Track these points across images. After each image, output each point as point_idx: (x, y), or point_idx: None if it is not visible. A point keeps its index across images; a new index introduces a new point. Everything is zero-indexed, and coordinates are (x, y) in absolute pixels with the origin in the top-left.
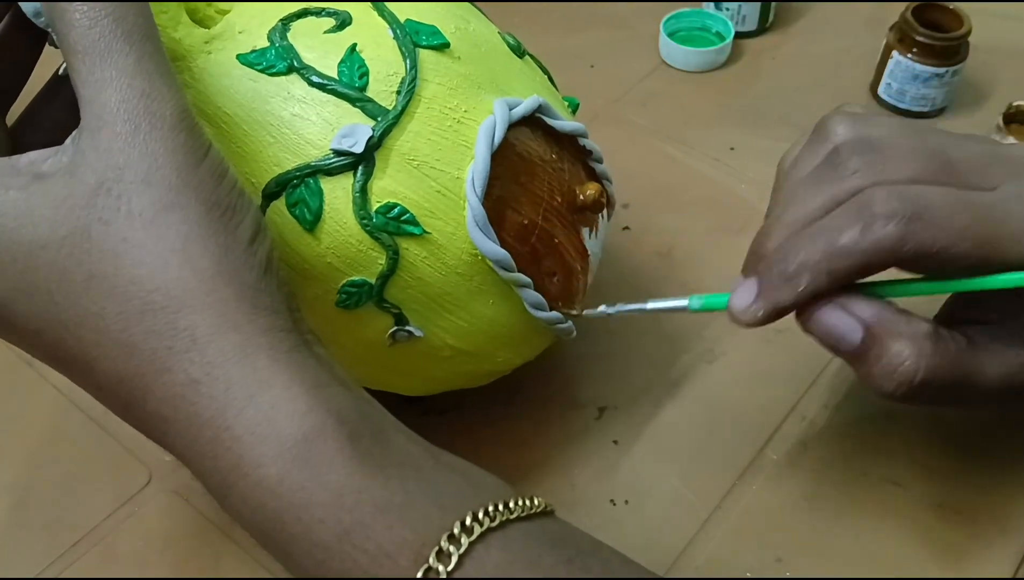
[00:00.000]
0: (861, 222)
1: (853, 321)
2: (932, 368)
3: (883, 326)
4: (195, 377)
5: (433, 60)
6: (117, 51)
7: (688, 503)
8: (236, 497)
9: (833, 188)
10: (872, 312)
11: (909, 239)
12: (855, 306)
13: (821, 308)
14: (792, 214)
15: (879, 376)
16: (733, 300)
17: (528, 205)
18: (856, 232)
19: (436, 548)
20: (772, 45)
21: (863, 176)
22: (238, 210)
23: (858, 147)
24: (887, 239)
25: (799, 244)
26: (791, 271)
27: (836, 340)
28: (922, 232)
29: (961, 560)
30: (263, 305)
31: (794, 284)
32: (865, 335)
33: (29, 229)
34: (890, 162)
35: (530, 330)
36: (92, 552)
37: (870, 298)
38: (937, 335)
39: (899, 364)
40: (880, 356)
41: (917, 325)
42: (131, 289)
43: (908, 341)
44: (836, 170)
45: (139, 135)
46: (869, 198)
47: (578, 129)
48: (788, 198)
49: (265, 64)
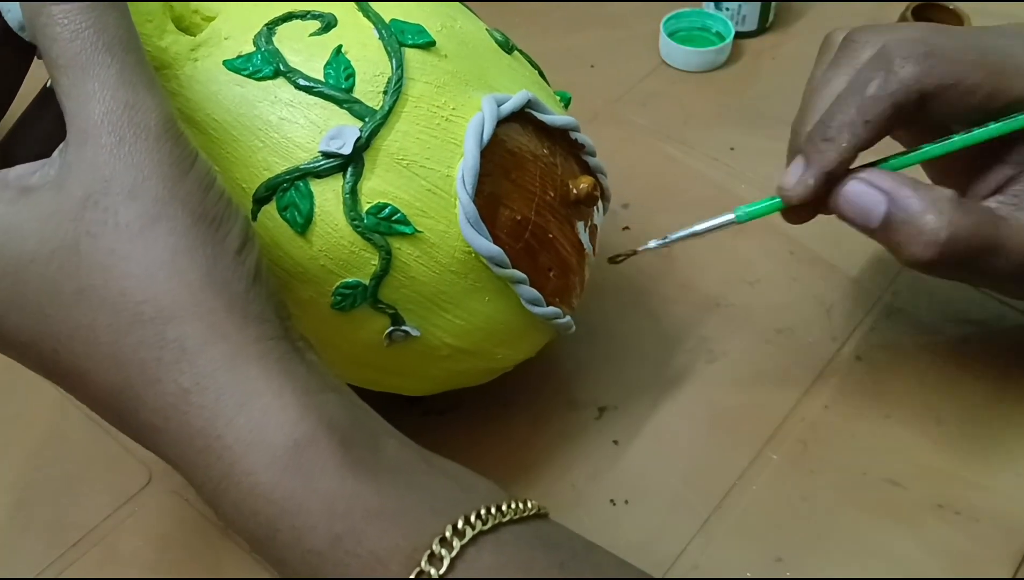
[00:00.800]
0: (883, 70)
1: (877, 193)
2: (955, 227)
3: (906, 194)
4: (185, 387)
5: (419, 59)
6: (99, 63)
7: (688, 503)
8: (229, 505)
9: (853, 62)
10: (893, 182)
11: (928, 73)
12: (877, 179)
13: (847, 185)
14: (821, 97)
15: (907, 243)
16: (784, 180)
17: (520, 201)
18: (880, 79)
19: (428, 552)
20: (772, 45)
21: (876, 44)
22: (226, 220)
23: (867, 31)
24: (909, 77)
25: (833, 109)
26: (831, 133)
27: (864, 214)
28: (938, 66)
29: (961, 560)
30: (253, 314)
31: (837, 143)
32: (889, 205)
33: (18, 243)
34: (899, 30)
35: (528, 326)
36: (92, 552)
37: (891, 172)
38: (958, 200)
39: (924, 226)
40: (906, 222)
41: (939, 191)
42: (120, 301)
43: (931, 204)
44: (850, 48)
45: (124, 147)
46: (887, 48)
47: (569, 123)
48: (815, 88)
49: (251, 69)
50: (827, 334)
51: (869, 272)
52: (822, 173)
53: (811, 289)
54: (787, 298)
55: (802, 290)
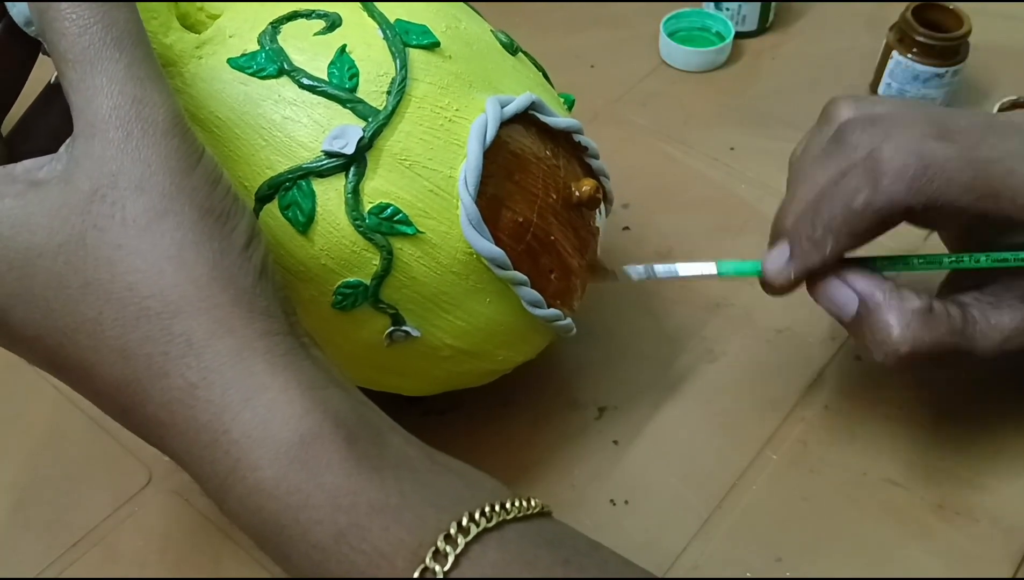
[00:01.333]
0: (871, 184)
1: (851, 293)
2: (920, 341)
3: (876, 300)
4: (192, 381)
5: (424, 59)
6: (107, 58)
7: (688, 503)
8: (234, 500)
9: (842, 162)
10: (867, 286)
11: (917, 193)
12: (854, 280)
13: (826, 281)
14: (805, 189)
15: (871, 345)
16: (767, 264)
17: (523, 203)
18: (867, 194)
19: (432, 548)
20: (772, 45)
21: (868, 148)
22: (232, 215)
23: (862, 123)
24: (897, 194)
25: (821, 209)
26: (818, 236)
27: (837, 309)
28: (928, 186)
29: (961, 560)
30: (259, 309)
31: (821, 247)
32: (860, 307)
33: (25, 237)
34: (893, 127)
35: (529, 328)
36: (92, 552)
37: (871, 274)
38: (930, 310)
39: (887, 336)
40: (872, 328)
41: (910, 301)
42: (127, 295)
43: (897, 315)
44: (843, 146)
45: (132, 141)
46: (878, 156)
47: (573, 125)
48: (800, 177)
49: (256, 67)
50: (827, 334)
51: None
52: (804, 271)
53: None
54: (787, 298)
55: (802, 290)
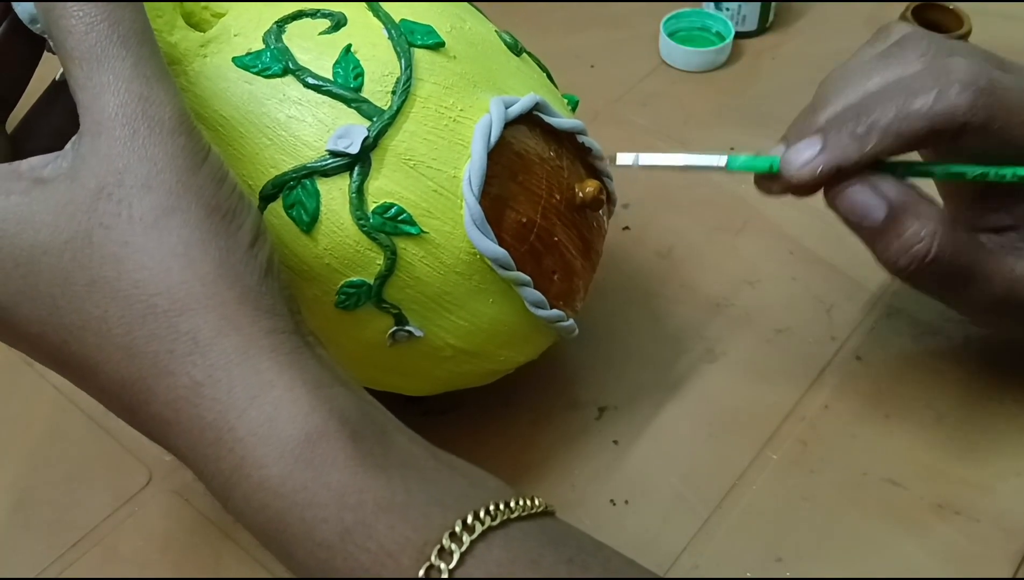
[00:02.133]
0: (938, 87)
1: (879, 199)
2: (943, 249)
3: (905, 206)
4: (198, 379)
5: (428, 59)
6: (114, 56)
7: (688, 503)
8: (239, 498)
9: (905, 65)
10: (897, 192)
11: (979, 111)
12: (883, 185)
13: (852, 185)
14: (860, 85)
15: (895, 251)
16: (791, 155)
17: (526, 203)
18: (932, 96)
19: (438, 546)
20: (772, 45)
21: (934, 58)
22: (238, 213)
23: (927, 36)
24: (960, 106)
25: (871, 104)
26: (861, 131)
27: (861, 216)
28: (992, 106)
29: (961, 560)
30: (265, 307)
31: (862, 143)
32: (888, 212)
33: (31, 234)
34: (959, 48)
35: (531, 329)
36: (92, 552)
37: (897, 179)
38: (951, 223)
39: (915, 241)
40: (899, 233)
41: (936, 209)
42: (133, 293)
43: (926, 221)
44: (906, 50)
45: (138, 139)
46: (949, 65)
47: (577, 126)
48: (854, 73)
49: (260, 66)
50: (827, 334)
51: (869, 272)
52: (834, 166)
53: (811, 289)
54: (787, 298)
55: (802, 290)
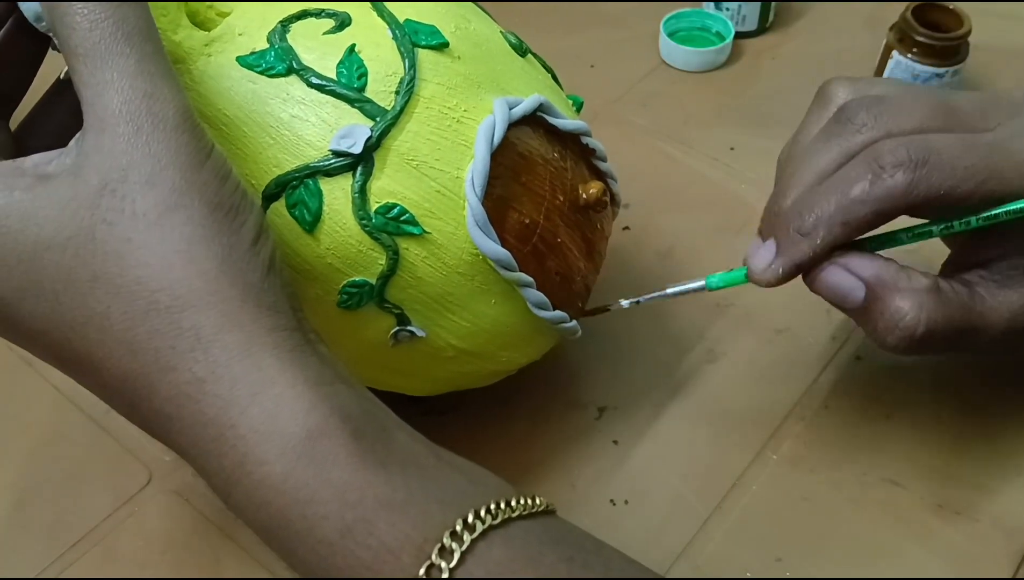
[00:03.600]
0: (871, 173)
1: (855, 280)
2: (933, 321)
3: (884, 283)
4: (200, 376)
5: (432, 60)
6: (118, 53)
7: (688, 503)
8: (240, 495)
9: (844, 142)
10: (873, 270)
11: (918, 184)
12: (857, 265)
13: (825, 269)
14: (804, 172)
15: (882, 331)
16: (752, 262)
17: (529, 204)
18: (867, 183)
19: (439, 545)
20: (772, 45)
21: (872, 129)
22: (241, 210)
23: (864, 103)
24: (897, 187)
25: (812, 200)
26: (807, 227)
27: (841, 298)
28: (930, 176)
29: (961, 560)
30: (267, 304)
31: (811, 239)
32: (867, 293)
33: (34, 230)
34: (896, 113)
35: (533, 330)
36: (92, 552)
37: (871, 256)
38: (937, 288)
39: (900, 319)
40: (883, 312)
41: (917, 280)
42: (136, 289)
43: (909, 296)
44: (845, 126)
45: (142, 136)
46: (878, 150)
47: (581, 128)
48: (799, 158)
49: (264, 66)
50: (827, 334)
51: None
52: (792, 266)
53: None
54: (787, 298)
55: (802, 290)
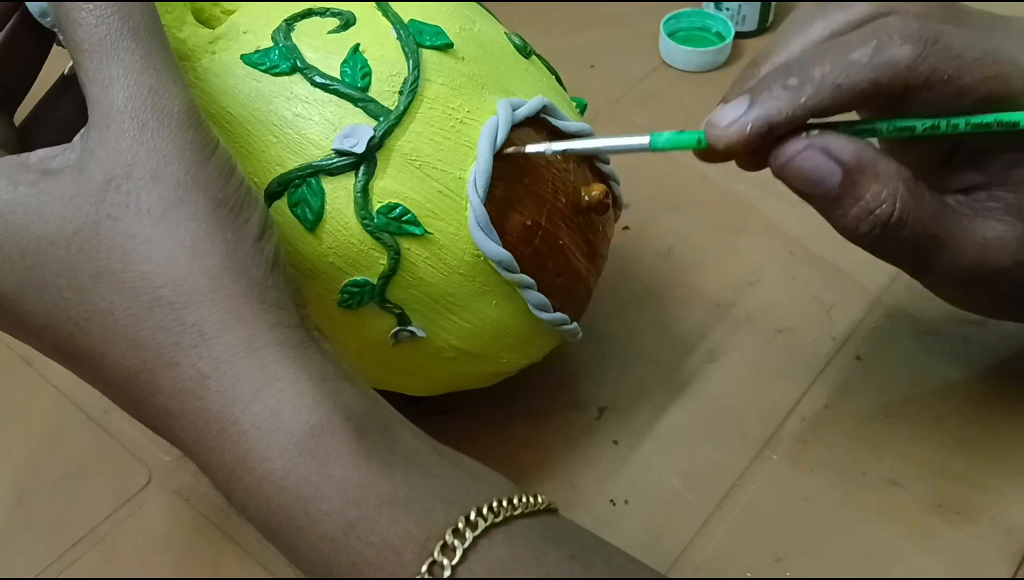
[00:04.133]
0: (876, 39)
1: (832, 163)
2: (907, 210)
3: (862, 167)
4: (203, 371)
5: (436, 60)
6: (124, 48)
7: (688, 503)
8: (242, 491)
9: (848, 11)
10: (852, 152)
11: (924, 61)
12: (835, 145)
13: (799, 152)
14: (797, 38)
15: (854, 217)
16: (715, 116)
17: (532, 206)
18: (870, 48)
19: (441, 542)
20: None
21: (877, 4)
22: (245, 207)
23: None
24: (903, 57)
25: (805, 57)
26: (793, 83)
27: (814, 184)
28: (936, 56)
29: (961, 560)
30: (270, 300)
31: (795, 95)
32: (843, 177)
33: (38, 225)
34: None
35: (534, 332)
36: (92, 552)
37: (849, 138)
38: (916, 182)
39: (877, 205)
40: (858, 197)
41: (897, 166)
42: (140, 285)
43: (887, 181)
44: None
45: (147, 132)
46: (887, 21)
47: (584, 129)
48: (791, 26)
49: (269, 64)
50: (827, 334)
51: (869, 272)
52: (765, 122)
53: (811, 289)
54: (787, 298)
55: (802, 290)
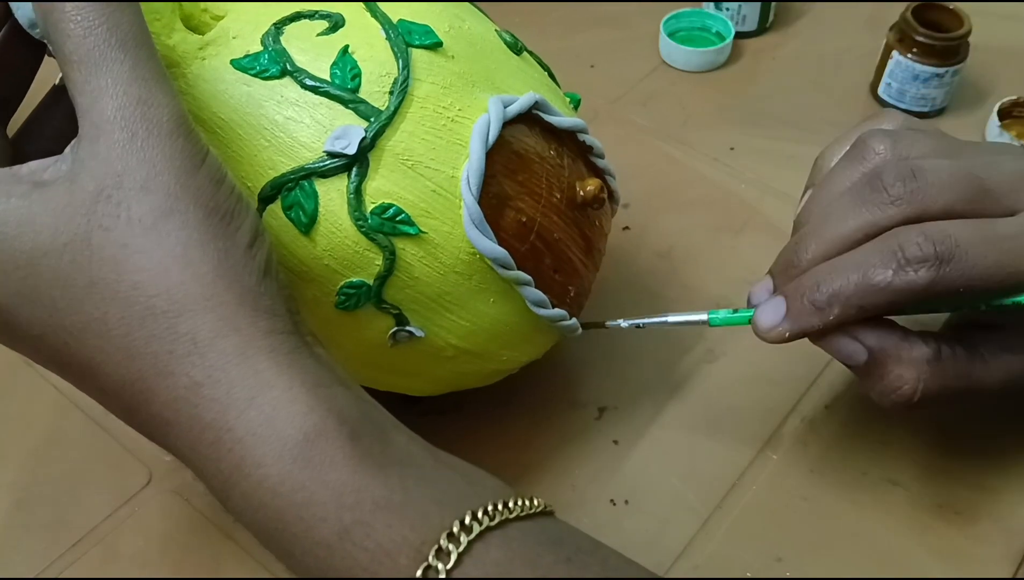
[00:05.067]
0: (895, 263)
1: (858, 345)
2: (930, 389)
3: (886, 351)
4: (197, 380)
5: (426, 59)
6: (112, 59)
7: (688, 503)
8: (238, 497)
9: (875, 212)
10: (876, 338)
11: (939, 282)
12: (861, 333)
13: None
14: (828, 232)
15: (880, 393)
16: (760, 318)
17: (526, 202)
18: (890, 273)
19: (436, 547)
20: (772, 45)
21: (904, 204)
22: (237, 214)
23: (900, 172)
24: (919, 283)
25: (833, 275)
26: (822, 301)
27: (844, 358)
28: (951, 274)
29: (961, 560)
30: (263, 308)
31: (824, 314)
32: (869, 358)
33: (31, 236)
34: (930, 191)
35: (533, 328)
36: (92, 552)
37: (875, 322)
38: (938, 356)
39: (898, 387)
40: (883, 377)
41: (919, 349)
42: (133, 294)
43: (908, 366)
44: (877, 194)
45: (136, 142)
46: (906, 240)
47: (577, 125)
48: (827, 212)
49: (259, 68)
50: None
51: None
52: (799, 333)
53: None
54: None
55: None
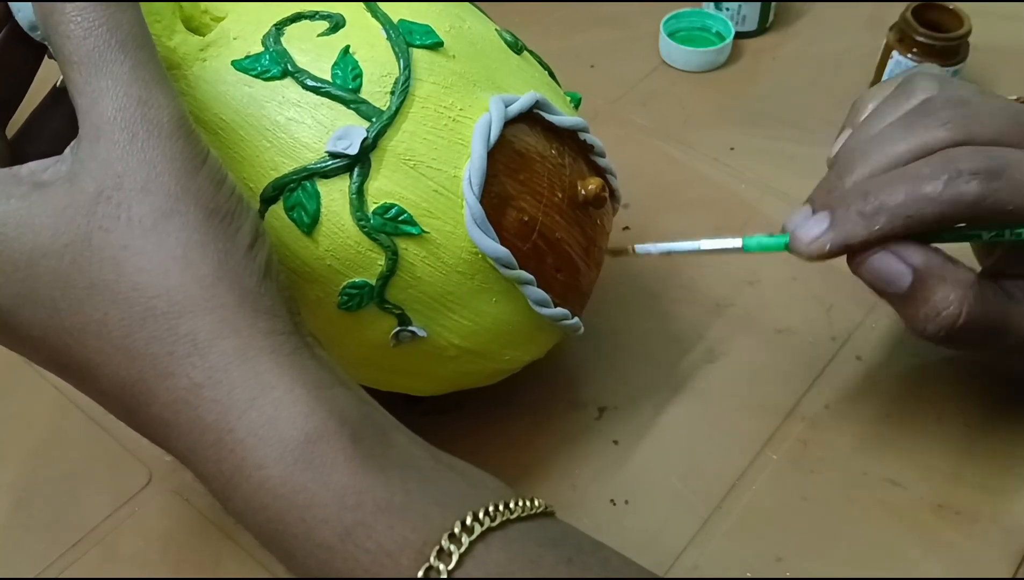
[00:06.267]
0: (946, 174)
1: (904, 266)
2: (973, 314)
3: (931, 271)
4: (197, 381)
5: (427, 59)
6: (112, 60)
7: (688, 503)
8: (239, 499)
9: (924, 134)
10: (922, 258)
11: (989, 197)
12: (906, 252)
13: (875, 253)
14: (877, 154)
15: (923, 318)
16: (800, 232)
17: (528, 202)
18: (940, 183)
19: (437, 547)
20: (772, 45)
21: (954, 127)
22: (237, 215)
23: (951, 100)
24: (969, 194)
25: (881, 185)
26: (869, 210)
27: (886, 283)
28: (1001, 191)
29: (961, 560)
30: (263, 309)
31: (870, 223)
32: (914, 280)
33: (30, 237)
34: (979, 117)
35: (536, 328)
36: (92, 552)
37: (919, 244)
38: (978, 285)
39: (944, 308)
40: (927, 299)
41: (963, 272)
42: (133, 296)
43: (953, 286)
44: (928, 118)
45: (137, 143)
46: (957, 153)
47: (578, 124)
48: (872, 140)
49: (260, 69)
50: (827, 334)
51: None
52: (842, 244)
53: (811, 289)
54: (787, 298)
55: (802, 290)
